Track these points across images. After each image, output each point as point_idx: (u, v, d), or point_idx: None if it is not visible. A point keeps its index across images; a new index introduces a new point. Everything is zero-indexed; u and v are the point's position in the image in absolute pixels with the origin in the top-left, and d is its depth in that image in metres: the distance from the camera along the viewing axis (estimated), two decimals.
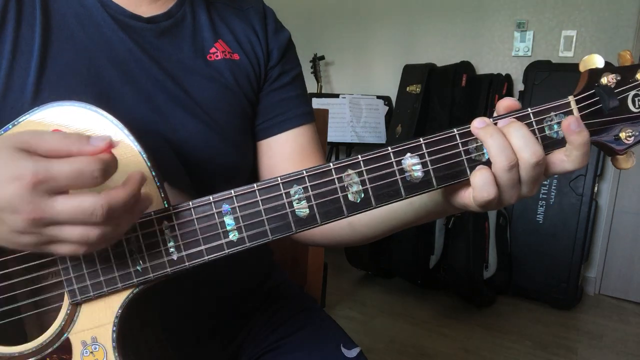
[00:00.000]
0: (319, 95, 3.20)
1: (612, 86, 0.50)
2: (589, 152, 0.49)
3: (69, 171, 0.40)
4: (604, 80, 0.50)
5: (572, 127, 0.47)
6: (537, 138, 0.48)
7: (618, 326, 2.48)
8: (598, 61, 0.51)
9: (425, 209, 0.59)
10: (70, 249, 0.43)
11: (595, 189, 2.62)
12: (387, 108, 3.11)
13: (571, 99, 0.51)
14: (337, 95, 3.02)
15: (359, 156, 0.49)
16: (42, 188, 0.39)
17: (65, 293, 0.51)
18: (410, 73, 2.98)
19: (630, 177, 2.68)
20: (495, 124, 0.49)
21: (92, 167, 0.40)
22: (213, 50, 0.70)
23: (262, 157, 0.77)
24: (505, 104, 0.51)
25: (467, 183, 0.50)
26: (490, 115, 0.50)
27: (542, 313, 2.57)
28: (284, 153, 0.75)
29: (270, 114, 0.75)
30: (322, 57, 3.38)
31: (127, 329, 0.53)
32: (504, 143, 0.47)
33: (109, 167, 0.42)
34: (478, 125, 0.49)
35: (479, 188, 0.48)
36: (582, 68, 0.52)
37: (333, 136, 2.91)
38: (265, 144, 0.76)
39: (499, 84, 2.77)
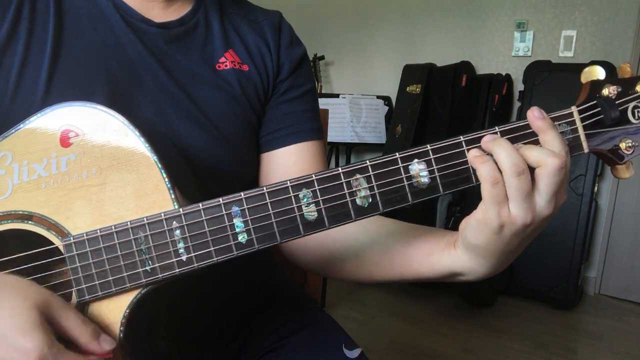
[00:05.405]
0: (319, 95, 3.20)
1: (613, 97, 0.51)
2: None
3: None
4: (605, 91, 0.52)
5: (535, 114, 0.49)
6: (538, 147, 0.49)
7: (618, 326, 2.49)
8: (599, 73, 0.52)
9: (441, 269, 0.57)
10: None
11: (595, 189, 2.62)
12: (387, 108, 3.11)
13: (574, 109, 0.52)
14: (337, 95, 3.01)
15: (367, 161, 0.50)
16: None
17: (73, 292, 0.51)
18: (410, 73, 2.97)
19: (630, 177, 2.67)
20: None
21: None
22: (222, 59, 0.70)
23: (264, 168, 0.76)
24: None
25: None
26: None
27: (542, 313, 2.57)
28: (285, 167, 0.74)
29: (275, 127, 0.75)
30: (322, 57, 3.37)
31: (133, 328, 0.53)
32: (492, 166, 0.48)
33: None
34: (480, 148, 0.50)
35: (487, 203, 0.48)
36: (583, 79, 0.53)
37: (333, 136, 2.91)
38: (268, 157, 0.76)
39: (499, 84, 2.77)
